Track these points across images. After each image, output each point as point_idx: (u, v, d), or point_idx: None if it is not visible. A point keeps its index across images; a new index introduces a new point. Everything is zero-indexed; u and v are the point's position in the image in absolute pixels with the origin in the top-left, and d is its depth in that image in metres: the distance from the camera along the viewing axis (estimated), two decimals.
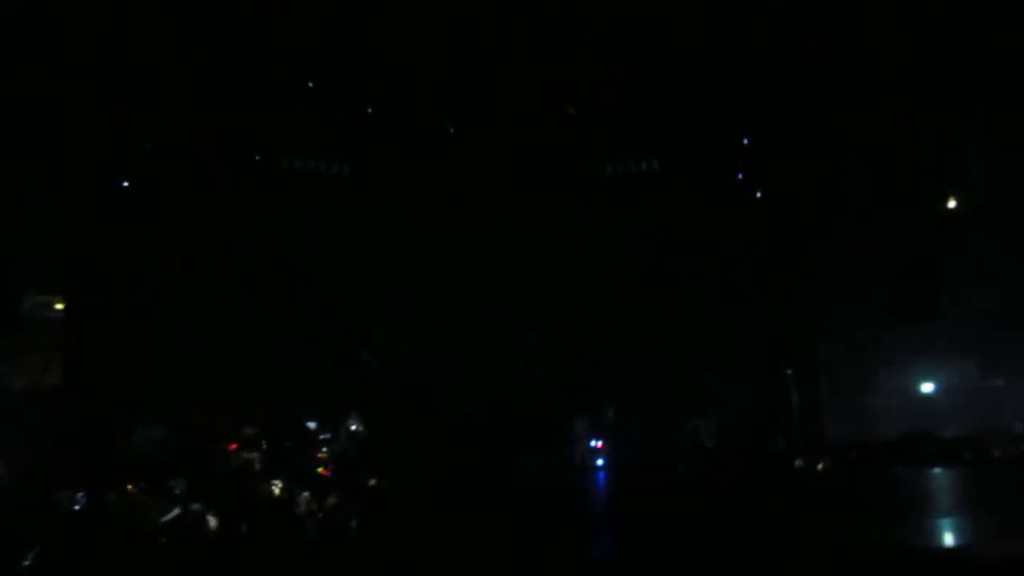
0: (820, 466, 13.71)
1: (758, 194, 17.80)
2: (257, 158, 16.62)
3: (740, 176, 17.71)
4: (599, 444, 16.03)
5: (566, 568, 7.20)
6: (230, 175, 16.46)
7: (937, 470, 12.22)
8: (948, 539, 6.33)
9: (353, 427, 15.78)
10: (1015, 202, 16.24)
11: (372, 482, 14.20)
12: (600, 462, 15.39)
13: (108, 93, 14.21)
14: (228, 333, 16.29)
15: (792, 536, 6.71)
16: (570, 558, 7.54)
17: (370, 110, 16.19)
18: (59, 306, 15.76)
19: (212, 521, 10.92)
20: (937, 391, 17.99)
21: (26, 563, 8.38)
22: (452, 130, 16.63)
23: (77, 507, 10.53)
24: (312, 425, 15.92)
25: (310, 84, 15.32)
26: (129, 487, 13.03)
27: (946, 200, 16.75)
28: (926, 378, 18.04)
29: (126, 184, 15.98)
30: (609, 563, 7.15)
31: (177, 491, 11.92)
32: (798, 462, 14.05)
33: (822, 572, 5.36)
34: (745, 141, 17.02)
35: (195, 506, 11.10)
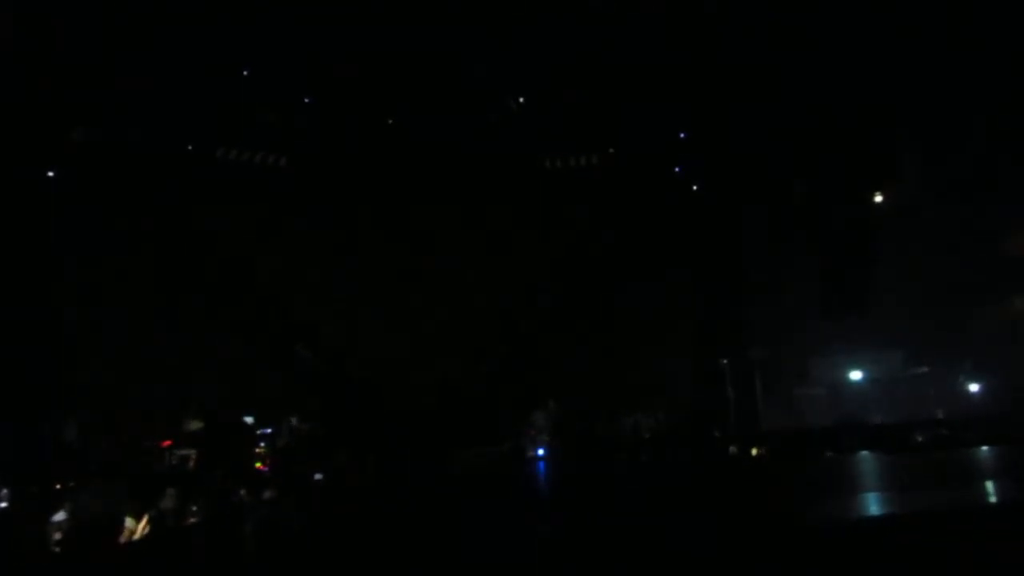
0: (754, 452, 14.08)
1: (694, 187, 18.14)
2: (190, 148, 16.23)
3: (677, 170, 18.02)
4: (543, 435, 16.15)
5: (506, 557, 7.23)
6: (163, 166, 16.05)
7: (864, 454, 12.70)
8: (872, 514, 6.64)
9: (293, 422, 15.59)
10: (938, 198, 16.96)
11: (317, 476, 14.05)
12: (542, 452, 15.52)
13: (32, 82, 13.71)
14: (162, 328, 15.91)
15: (722, 513, 6.94)
16: (510, 547, 7.57)
17: (308, 101, 15.99)
18: None
19: (131, 522, 10.68)
20: (865, 380, 18.67)
21: None
22: (392, 122, 16.52)
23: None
24: (250, 421, 15.67)
25: (245, 73, 15.04)
26: (57, 486, 12.67)
27: (872, 196, 17.37)
28: (854, 368, 18.71)
29: (49, 174, 15.43)
30: (552, 547, 7.22)
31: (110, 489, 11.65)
32: (732, 449, 14.41)
33: (755, 546, 5.56)
34: (682, 136, 17.34)
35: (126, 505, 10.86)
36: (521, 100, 16.41)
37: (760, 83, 15.12)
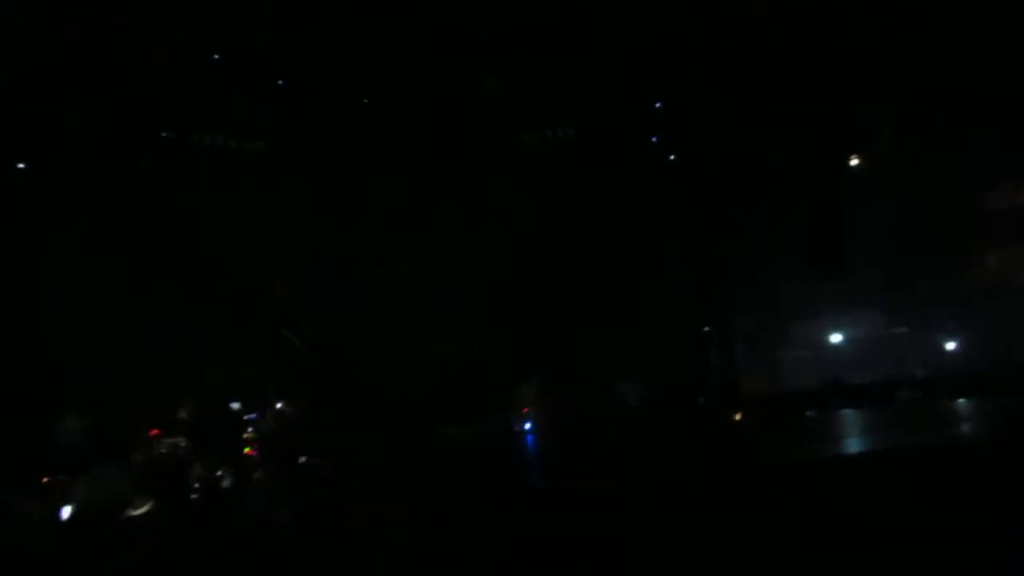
0: (737, 416, 14.29)
1: (671, 157, 18.14)
2: (164, 135, 16.10)
3: (653, 140, 17.98)
4: (527, 409, 16.28)
5: (494, 535, 7.33)
6: (140, 153, 15.94)
7: (847, 412, 12.93)
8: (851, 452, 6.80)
9: (279, 406, 15.64)
10: (911, 157, 17.08)
11: (303, 459, 14.13)
12: (528, 426, 15.67)
13: None
14: (145, 318, 15.88)
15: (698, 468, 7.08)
16: (497, 523, 7.67)
17: (282, 83, 15.88)
18: None
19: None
20: (846, 342, 18.90)
21: None
22: (367, 102, 16.43)
23: None
24: (236, 406, 15.70)
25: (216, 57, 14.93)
26: (45, 479, 12.71)
27: (847, 159, 17.44)
28: (836, 330, 18.94)
29: (24, 166, 15.30)
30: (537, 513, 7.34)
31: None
32: (716, 414, 14.61)
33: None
34: (656, 105, 17.29)
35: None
36: (497, 74, 16.31)
37: (731, 47, 15.00)
